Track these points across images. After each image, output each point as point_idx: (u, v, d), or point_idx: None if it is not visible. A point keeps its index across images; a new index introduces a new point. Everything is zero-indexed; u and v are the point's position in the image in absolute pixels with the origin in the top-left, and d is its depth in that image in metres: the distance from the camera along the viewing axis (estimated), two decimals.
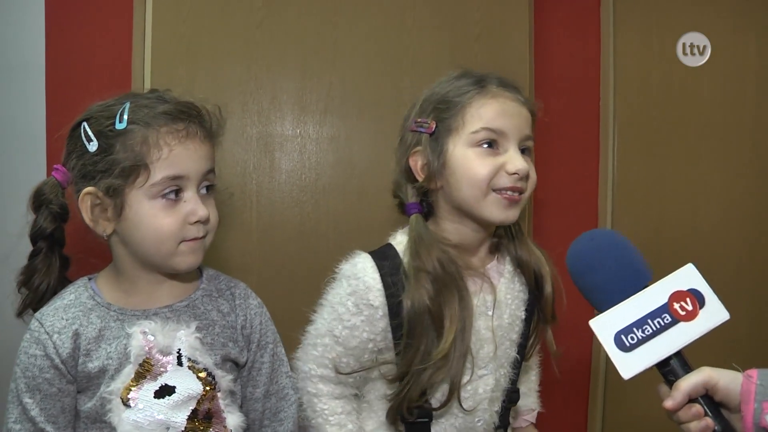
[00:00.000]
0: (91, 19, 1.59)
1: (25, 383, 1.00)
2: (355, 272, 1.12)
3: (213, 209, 1.07)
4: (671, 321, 0.83)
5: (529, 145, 1.13)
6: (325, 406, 1.12)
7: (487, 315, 1.14)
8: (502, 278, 1.17)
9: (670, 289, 0.85)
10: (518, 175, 1.07)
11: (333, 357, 1.12)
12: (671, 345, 0.82)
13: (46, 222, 1.06)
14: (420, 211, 1.15)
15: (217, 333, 1.10)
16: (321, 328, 1.14)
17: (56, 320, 1.02)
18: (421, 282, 1.06)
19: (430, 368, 1.06)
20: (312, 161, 1.67)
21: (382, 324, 1.09)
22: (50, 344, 1.00)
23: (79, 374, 1.01)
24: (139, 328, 1.02)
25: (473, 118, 1.08)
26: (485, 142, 1.08)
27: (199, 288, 1.13)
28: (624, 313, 0.84)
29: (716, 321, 0.84)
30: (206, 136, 1.06)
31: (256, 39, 1.63)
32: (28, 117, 1.56)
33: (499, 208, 1.08)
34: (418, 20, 1.72)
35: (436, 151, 1.11)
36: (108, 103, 1.06)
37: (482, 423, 1.15)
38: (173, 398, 1.02)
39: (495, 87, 1.11)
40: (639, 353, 0.82)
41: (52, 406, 1.00)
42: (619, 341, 0.83)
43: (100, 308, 1.04)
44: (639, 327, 0.83)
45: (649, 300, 0.84)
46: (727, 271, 1.98)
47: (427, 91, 1.17)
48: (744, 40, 1.98)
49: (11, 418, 1.00)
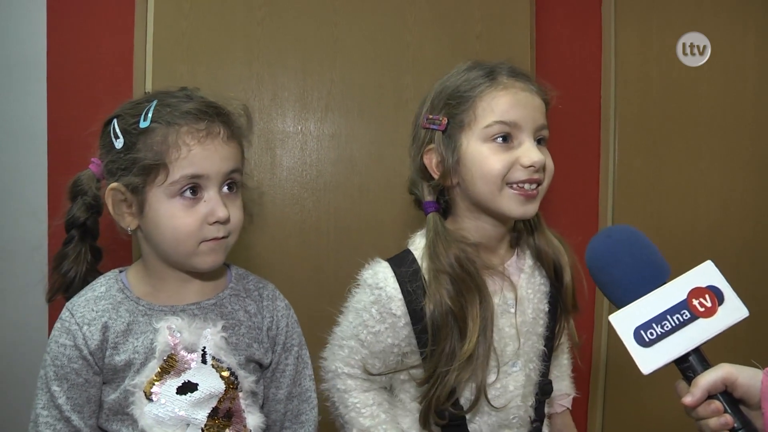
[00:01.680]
0: (93, 16, 1.59)
1: (54, 371, 1.02)
2: (376, 282, 1.11)
3: (236, 209, 1.07)
4: (690, 317, 0.83)
5: (544, 134, 1.10)
6: (356, 399, 1.12)
7: (510, 312, 1.12)
8: (522, 273, 1.16)
9: (689, 286, 0.85)
10: (534, 168, 1.05)
11: (359, 359, 1.12)
12: (690, 341, 0.82)
13: (80, 211, 1.09)
14: (437, 209, 1.13)
15: (243, 333, 1.10)
16: (346, 331, 1.14)
17: (87, 311, 1.03)
18: (441, 284, 1.05)
19: (455, 369, 1.05)
20: (313, 158, 1.68)
21: (405, 331, 1.09)
22: (80, 335, 1.02)
23: (105, 366, 1.03)
24: (166, 324, 1.03)
25: (485, 112, 1.06)
26: (499, 136, 1.06)
27: (227, 287, 1.13)
28: (643, 308, 0.84)
29: (735, 318, 0.85)
30: (230, 136, 1.05)
31: (257, 36, 1.64)
32: (29, 113, 1.56)
33: (516, 203, 1.06)
34: (419, 18, 1.72)
35: (450, 147, 1.08)
36: (138, 100, 1.07)
37: (517, 419, 1.14)
38: (195, 395, 1.03)
39: (506, 78, 1.08)
40: (658, 349, 0.82)
41: (78, 396, 1.02)
42: (639, 336, 0.83)
43: (129, 302, 1.05)
44: (658, 323, 0.83)
45: (668, 296, 0.84)
46: (726, 268, 1.92)
47: (438, 86, 1.14)
48: (744, 41, 1.98)
49: (39, 404, 1.02)
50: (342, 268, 1.69)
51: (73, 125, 1.55)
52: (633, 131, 1.94)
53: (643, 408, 1.90)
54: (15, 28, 1.56)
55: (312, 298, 1.67)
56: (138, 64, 1.59)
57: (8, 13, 1.56)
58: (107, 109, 1.12)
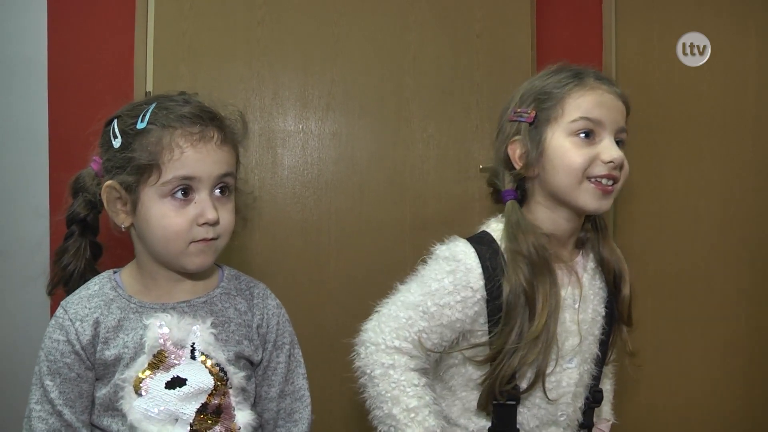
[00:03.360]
0: (94, 16, 1.60)
1: (47, 366, 1.04)
2: (454, 254, 1.12)
3: (227, 213, 1.08)
4: None
5: (623, 137, 1.16)
6: (402, 377, 1.08)
7: (574, 308, 1.15)
8: (585, 273, 1.20)
9: None
10: (613, 164, 1.10)
11: (416, 331, 1.10)
12: None
13: (80, 208, 1.11)
14: (516, 197, 1.17)
15: (233, 330, 1.11)
16: (408, 301, 1.12)
17: (80, 308, 1.06)
18: (518, 265, 1.09)
19: (522, 348, 1.07)
20: (314, 157, 1.68)
21: (476, 308, 1.10)
22: (72, 330, 1.04)
23: (96, 361, 1.05)
24: (156, 320, 1.05)
25: (572, 108, 1.12)
26: (583, 132, 1.11)
27: (218, 286, 1.15)
28: None
29: None
30: (224, 140, 1.08)
31: (257, 36, 1.64)
32: (30, 113, 1.57)
33: (593, 197, 1.11)
34: (419, 17, 1.72)
35: (535, 139, 1.14)
36: (138, 102, 1.10)
37: (565, 418, 1.16)
38: (184, 390, 1.04)
39: (593, 80, 1.14)
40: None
41: (70, 391, 1.04)
42: None
43: (120, 300, 1.08)
44: None
45: None
46: (728, 268, 1.98)
47: (527, 84, 1.19)
48: (745, 41, 1.99)
49: (33, 398, 1.04)
50: (343, 267, 1.69)
51: (74, 124, 1.56)
52: (634, 131, 1.93)
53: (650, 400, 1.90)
54: (16, 28, 1.57)
55: (313, 297, 1.68)
56: (138, 64, 1.60)
57: (9, 13, 1.57)
58: (108, 108, 1.13)
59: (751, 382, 1.97)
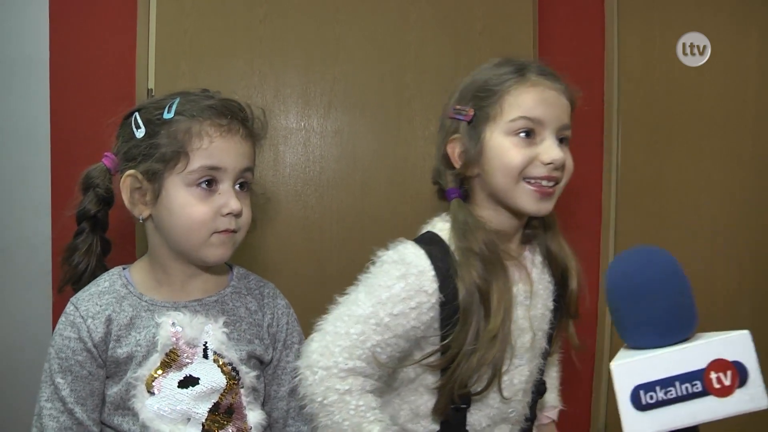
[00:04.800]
0: (95, 15, 1.59)
1: (58, 364, 1.03)
2: (403, 257, 1.06)
3: (247, 207, 1.10)
4: (701, 391, 0.71)
5: (567, 134, 1.11)
6: (361, 401, 1.01)
7: (525, 304, 1.13)
8: (534, 268, 1.17)
9: (713, 355, 0.72)
10: (553, 165, 1.06)
11: (370, 346, 1.02)
12: (690, 418, 0.71)
13: (91, 204, 1.11)
14: (460, 196, 1.14)
15: (244, 329, 1.12)
16: (357, 314, 1.03)
17: (91, 305, 1.05)
18: (471, 263, 1.05)
19: (480, 348, 1.03)
20: (316, 155, 1.68)
21: (431, 313, 1.05)
22: (84, 328, 1.04)
23: (108, 359, 1.05)
24: (168, 319, 1.05)
25: (511, 107, 1.07)
26: (522, 131, 1.07)
27: (229, 285, 1.16)
28: (652, 365, 0.73)
29: (751, 407, 0.72)
30: (247, 134, 1.10)
31: (259, 34, 1.64)
32: (32, 111, 1.57)
33: (531, 199, 1.07)
34: (421, 15, 1.72)
35: (474, 138, 1.10)
36: (160, 97, 1.12)
37: (515, 414, 1.14)
38: (196, 389, 1.04)
39: (535, 75, 1.09)
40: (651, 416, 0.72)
41: (81, 389, 1.03)
42: (636, 397, 0.72)
43: (132, 297, 1.08)
44: (663, 387, 0.72)
45: (686, 359, 0.72)
46: (730, 267, 1.98)
47: (468, 78, 1.16)
48: (746, 39, 1.98)
49: (43, 396, 1.04)
50: (345, 265, 1.68)
51: (75, 123, 1.56)
52: (636, 130, 1.94)
53: None
54: (17, 27, 1.57)
55: (315, 295, 1.66)
56: (140, 62, 1.59)
57: (11, 11, 1.57)
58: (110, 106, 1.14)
59: None
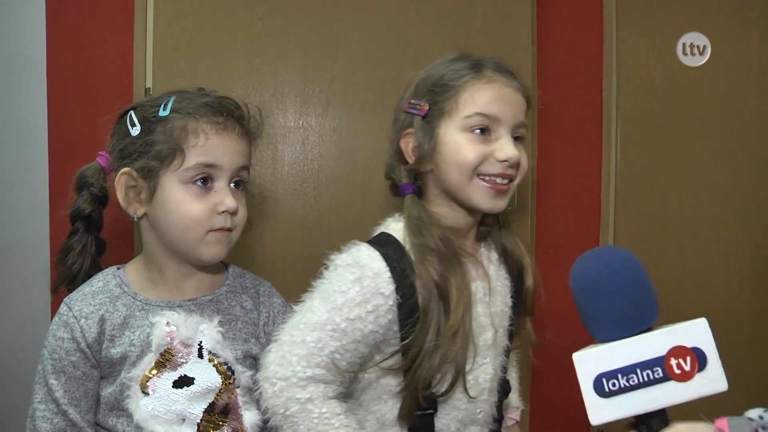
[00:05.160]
0: (93, 13, 1.59)
1: (51, 365, 1.03)
2: (358, 260, 1.04)
3: (242, 206, 1.09)
4: (662, 377, 0.74)
5: (522, 132, 1.10)
6: (324, 409, 0.99)
7: (485, 301, 1.12)
8: (491, 265, 1.16)
9: (672, 342, 0.75)
10: (508, 163, 1.05)
11: (328, 353, 1.00)
12: (653, 402, 0.74)
13: (85, 203, 1.10)
14: (414, 191, 1.13)
15: (239, 329, 1.11)
16: (312, 321, 1.01)
17: (84, 305, 1.05)
18: (428, 260, 1.03)
19: (442, 345, 1.02)
20: (314, 153, 1.67)
21: (390, 316, 1.03)
22: (77, 328, 1.03)
23: (102, 359, 1.04)
24: (163, 318, 1.04)
25: (467, 103, 1.06)
26: (477, 128, 1.06)
27: (224, 284, 1.15)
28: (613, 354, 0.75)
29: (710, 390, 0.75)
30: (243, 133, 1.09)
31: (257, 32, 1.63)
32: (30, 111, 1.56)
33: (485, 196, 1.06)
34: (420, 13, 1.72)
35: (428, 133, 1.08)
36: (156, 95, 1.11)
37: (483, 414, 1.13)
38: (191, 389, 1.03)
39: (491, 72, 1.08)
40: (615, 402, 0.74)
41: (75, 389, 1.03)
42: (599, 385, 0.75)
43: (126, 297, 1.07)
44: (625, 374, 0.74)
45: (646, 347, 0.75)
46: (729, 265, 1.98)
47: (423, 73, 1.14)
48: (746, 38, 1.98)
49: (37, 397, 1.03)
50: None
51: (73, 122, 1.56)
52: (635, 128, 1.94)
53: None
54: (15, 26, 1.56)
55: None
56: (138, 61, 1.59)
57: (8, 11, 1.56)
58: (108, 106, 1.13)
59: (752, 378, 1.97)
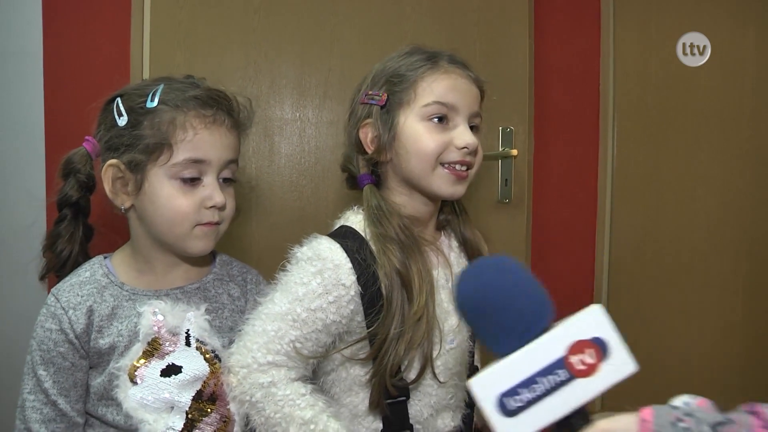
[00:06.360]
0: (89, 6, 1.59)
1: (40, 356, 1.03)
2: (319, 253, 1.05)
3: (230, 199, 1.09)
4: (567, 378, 0.69)
5: (477, 122, 1.14)
6: (288, 390, 1.00)
7: (448, 288, 1.14)
8: (452, 253, 1.19)
9: (570, 339, 0.70)
10: (467, 150, 1.09)
11: (288, 341, 1.02)
12: (565, 406, 0.70)
13: (72, 190, 1.10)
14: (373, 181, 1.15)
15: (226, 317, 1.12)
16: (273, 312, 1.03)
17: (72, 296, 1.04)
18: (389, 249, 1.06)
19: (407, 331, 1.03)
20: (311, 145, 1.68)
21: (351, 306, 1.05)
22: (65, 319, 1.03)
23: (91, 350, 1.04)
24: (150, 308, 1.05)
25: (425, 92, 1.09)
26: (436, 116, 1.09)
27: (211, 272, 1.15)
28: (511, 369, 0.70)
29: (619, 375, 0.71)
30: (233, 125, 1.08)
31: (254, 24, 1.63)
32: (26, 103, 1.56)
33: (447, 182, 1.10)
34: (416, 6, 1.72)
35: (387, 123, 1.11)
36: (143, 83, 1.10)
37: (454, 399, 1.15)
38: (180, 377, 1.04)
39: (446, 63, 1.12)
40: (525, 418, 0.69)
41: (65, 380, 1.03)
42: (503, 405, 0.69)
43: (113, 287, 1.07)
44: (527, 387, 0.69)
45: (543, 353, 0.70)
46: (725, 262, 1.99)
47: (379, 66, 1.17)
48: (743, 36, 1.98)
49: (26, 388, 1.04)
50: None
51: (70, 114, 1.55)
52: (631, 123, 1.95)
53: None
54: (11, 19, 1.56)
55: None
56: (135, 53, 1.59)
57: (4, 4, 1.56)
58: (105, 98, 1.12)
59: (747, 373, 1.98)
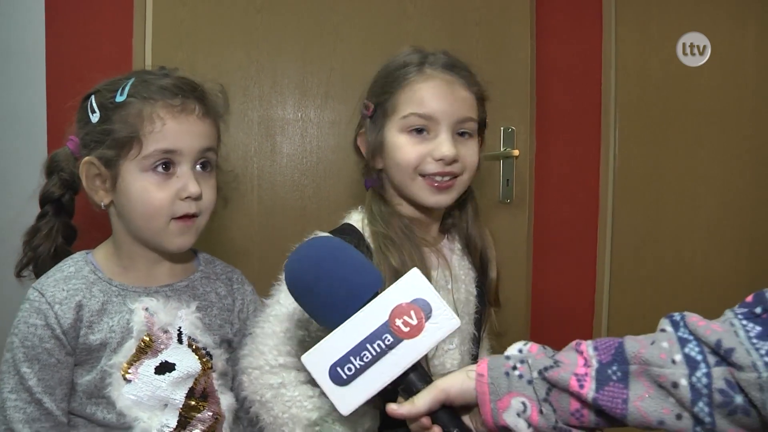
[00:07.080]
0: (91, 5, 1.59)
1: (23, 353, 0.99)
2: None
3: (209, 189, 1.07)
4: (393, 341, 0.73)
5: (467, 127, 1.12)
6: (296, 392, 1.02)
7: (447, 289, 1.14)
8: (453, 255, 1.19)
9: (391, 304, 0.74)
10: (444, 161, 1.07)
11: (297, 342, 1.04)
12: (395, 368, 0.73)
13: (55, 187, 1.08)
14: (375, 185, 1.17)
15: (215, 314, 1.12)
16: (280, 313, 1.05)
17: (57, 291, 1.01)
18: (387, 248, 1.07)
19: None
20: (313, 145, 1.68)
21: None
22: (51, 314, 0.99)
23: (79, 346, 1.01)
24: (141, 305, 1.03)
25: (404, 103, 1.09)
26: (414, 128, 1.09)
27: (197, 270, 1.14)
28: (339, 340, 0.73)
29: (444, 332, 0.75)
30: (205, 113, 1.05)
31: (256, 24, 1.63)
32: (28, 101, 1.56)
33: (427, 192, 1.09)
34: (418, 5, 1.72)
35: (374, 133, 1.13)
36: (116, 78, 1.07)
37: None
38: (173, 375, 1.03)
39: (431, 68, 1.10)
40: (358, 384, 0.73)
41: (50, 377, 0.99)
42: (336, 375, 0.73)
43: (101, 282, 1.05)
44: (356, 355, 0.73)
45: (367, 320, 0.74)
46: (726, 260, 1.99)
47: (382, 69, 1.17)
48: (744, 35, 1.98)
49: (6, 387, 0.99)
50: None
51: (72, 112, 1.55)
52: (633, 123, 1.95)
53: None
54: (13, 18, 1.56)
55: None
56: (137, 52, 1.59)
57: (6, 2, 1.56)
58: None
59: None
